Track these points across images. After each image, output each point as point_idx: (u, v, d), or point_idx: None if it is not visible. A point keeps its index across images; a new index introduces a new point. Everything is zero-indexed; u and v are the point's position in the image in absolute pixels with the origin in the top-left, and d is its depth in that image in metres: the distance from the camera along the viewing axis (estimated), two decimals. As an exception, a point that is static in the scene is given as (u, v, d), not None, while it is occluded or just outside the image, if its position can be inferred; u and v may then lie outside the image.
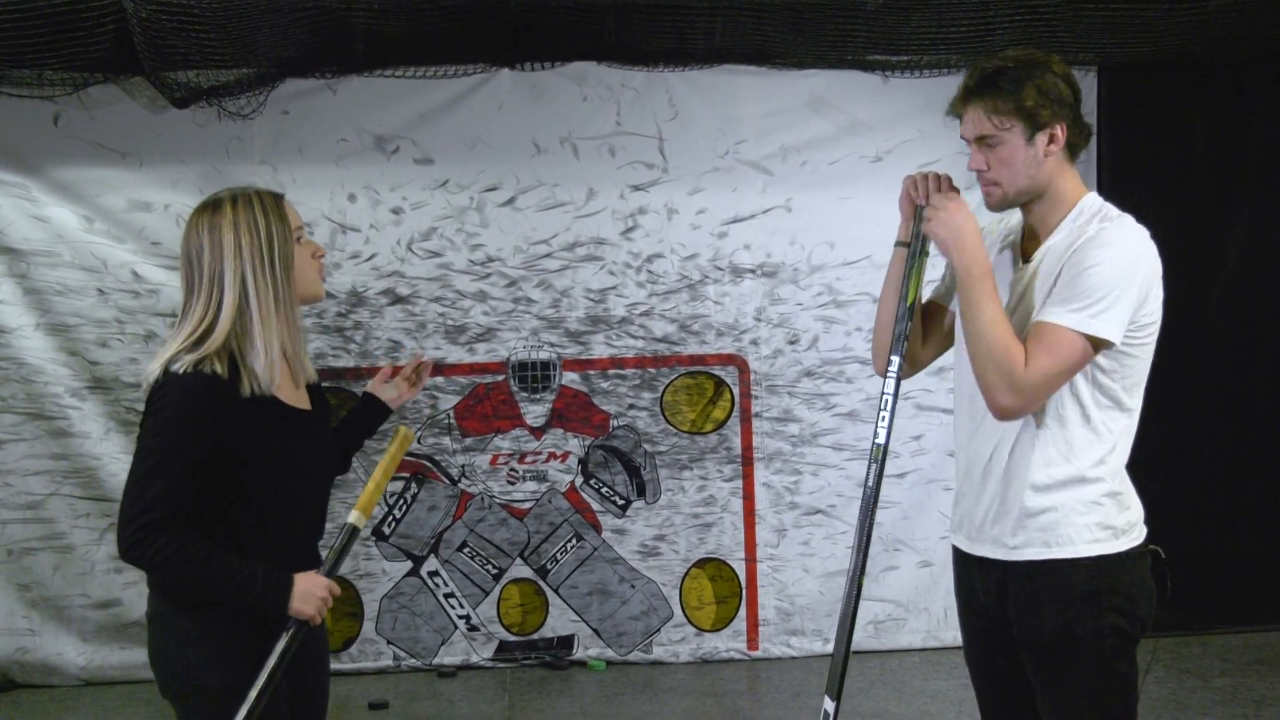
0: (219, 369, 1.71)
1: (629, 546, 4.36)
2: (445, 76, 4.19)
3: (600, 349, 4.33)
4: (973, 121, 1.90)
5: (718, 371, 4.38)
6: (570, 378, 4.33)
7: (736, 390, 4.37)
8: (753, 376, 4.37)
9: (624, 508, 4.35)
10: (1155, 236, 1.89)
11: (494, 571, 4.33)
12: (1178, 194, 4.47)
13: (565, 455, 4.34)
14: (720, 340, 4.36)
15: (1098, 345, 1.79)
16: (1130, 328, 1.80)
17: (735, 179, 4.32)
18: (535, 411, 4.33)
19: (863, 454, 4.11)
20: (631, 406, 4.35)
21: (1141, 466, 1.97)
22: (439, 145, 4.26)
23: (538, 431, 4.33)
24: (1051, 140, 1.86)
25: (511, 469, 4.32)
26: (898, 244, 2.12)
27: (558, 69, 4.26)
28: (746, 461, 4.37)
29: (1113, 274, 1.79)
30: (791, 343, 4.37)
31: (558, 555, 4.34)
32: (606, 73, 4.27)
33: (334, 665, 3.00)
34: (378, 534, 4.27)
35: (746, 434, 4.37)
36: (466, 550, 4.30)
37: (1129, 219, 1.91)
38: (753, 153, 4.33)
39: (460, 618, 4.31)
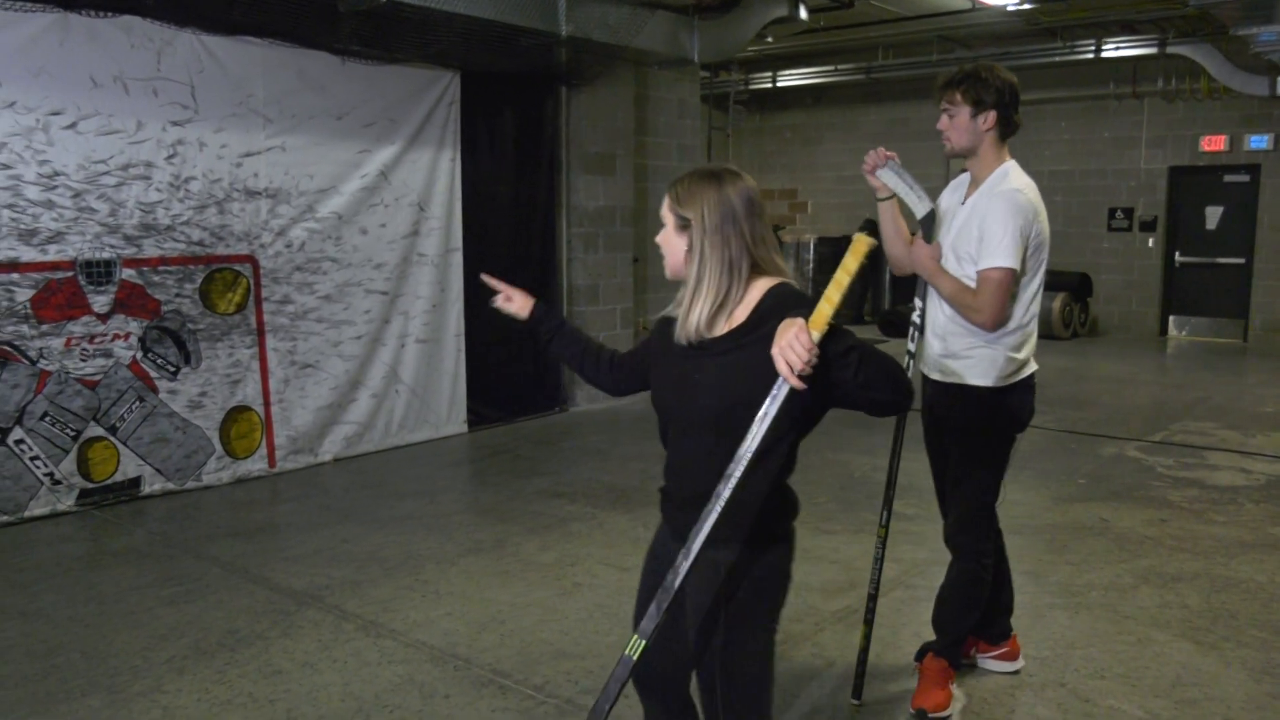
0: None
1: (180, 403, 5.63)
2: (21, 11, 4.82)
3: (151, 250, 5.45)
4: (945, 99, 3.00)
5: (238, 268, 5.84)
6: (128, 273, 5.37)
7: (252, 281, 5.90)
8: (262, 271, 5.94)
9: (175, 373, 5.60)
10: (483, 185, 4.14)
11: (72, 434, 5.22)
12: (500, 156, 7.26)
13: (127, 335, 5.40)
14: (239, 244, 5.82)
15: (1010, 270, 2.88)
16: (1027, 252, 2.91)
17: (247, 123, 5.79)
18: (101, 301, 5.28)
19: (337, 324, 6.13)
20: (177, 295, 5.58)
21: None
22: (6, 70, 4.86)
23: (104, 317, 5.30)
24: (986, 120, 2.94)
25: (83, 349, 5.23)
26: (879, 199, 3.10)
27: (110, 18, 5.18)
28: (260, 333, 5.96)
29: (996, 228, 2.87)
30: (287, 246, 6.04)
31: (125, 415, 5.41)
32: (149, 27, 5.33)
33: None
34: (-36, 413, 4.85)
35: (259, 313, 5.95)
36: (48, 419, 5.12)
37: (1015, 187, 2.92)
38: (259, 104, 5.83)
39: (45, 475, 5.13)
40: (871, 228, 2.59)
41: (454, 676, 3.44)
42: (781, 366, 1.66)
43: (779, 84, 13.73)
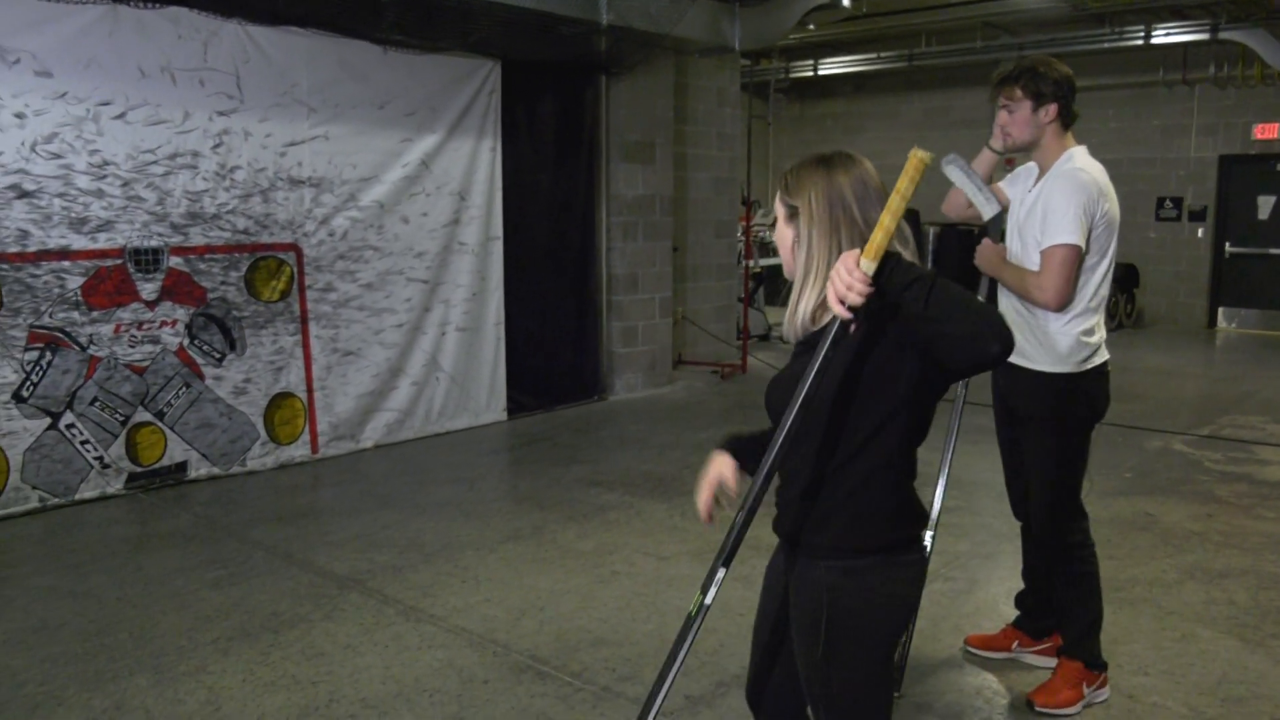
0: None
1: (225, 389, 5.71)
2: (73, 3, 4.90)
3: (198, 238, 5.53)
4: (1003, 95, 3.02)
5: (282, 256, 5.91)
6: (175, 261, 5.46)
7: (295, 269, 5.96)
8: (305, 259, 6.01)
9: (220, 359, 5.68)
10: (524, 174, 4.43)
11: (121, 419, 5.32)
12: (540, 145, 7.28)
13: (174, 322, 5.48)
14: (283, 233, 5.89)
15: (1073, 246, 2.85)
16: (1093, 233, 2.89)
17: (291, 112, 5.84)
18: (149, 288, 5.37)
19: (379, 312, 6.18)
20: (223, 283, 5.66)
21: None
22: (57, 61, 4.94)
23: (152, 304, 5.39)
24: (1047, 113, 2.97)
25: (132, 335, 5.32)
26: (988, 147, 3.15)
27: (158, 10, 5.25)
28: (304, 320, 6.03)
29: (1059, 205, 2.87)
30: (330, 235, 6.10)
31: (171, 400, 5.50)
32: (196, 17, 5.39)
33: None
34: (17, 397, 4.95)
35: (303, 301, 6.01)
36: (97, 404, 5.22)
37: (1076, 166, 2.91)
38: (302, 93, 5.88)
39: (94, 459, 5.23)
40: None
41: (493, 662, 3.47)
42: (830, 297, 1.56)
43: (820, 72, 13.63)
